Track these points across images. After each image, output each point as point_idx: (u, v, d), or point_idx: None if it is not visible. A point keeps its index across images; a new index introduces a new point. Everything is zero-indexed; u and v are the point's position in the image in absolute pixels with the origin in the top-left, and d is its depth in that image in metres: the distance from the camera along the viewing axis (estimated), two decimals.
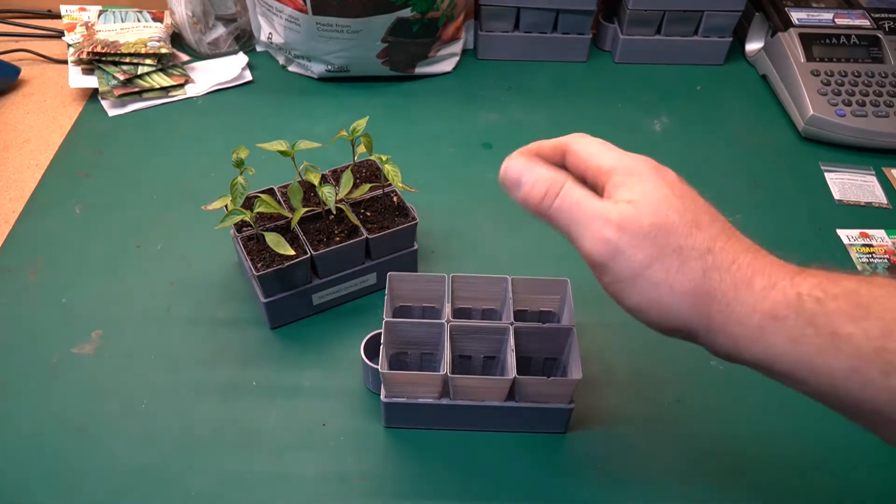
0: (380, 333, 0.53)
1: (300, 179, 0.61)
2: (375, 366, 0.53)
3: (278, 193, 0.62)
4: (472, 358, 0.56)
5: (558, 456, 0.54)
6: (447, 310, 0.55)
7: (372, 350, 0.55)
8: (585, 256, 0.39)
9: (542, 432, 0.55)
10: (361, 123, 0.59)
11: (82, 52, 0.85)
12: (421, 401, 0.52)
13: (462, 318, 0.57)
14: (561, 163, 0.42)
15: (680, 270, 0.36)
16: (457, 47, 0.93)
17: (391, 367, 0.54)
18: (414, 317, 0.59)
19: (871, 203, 0.77)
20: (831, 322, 0.33)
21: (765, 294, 0.35)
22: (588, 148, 0.41)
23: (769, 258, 0.37)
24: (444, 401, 0.52)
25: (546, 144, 0.42)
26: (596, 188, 0.39)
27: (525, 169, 0.39)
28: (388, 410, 0.53)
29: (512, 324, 0.53)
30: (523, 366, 0.55)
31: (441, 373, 0.50)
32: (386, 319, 0.52)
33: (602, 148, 0.40)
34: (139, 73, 0.86)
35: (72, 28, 0.91)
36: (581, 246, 0.39)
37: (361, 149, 0.60)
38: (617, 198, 0.38)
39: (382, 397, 0.52)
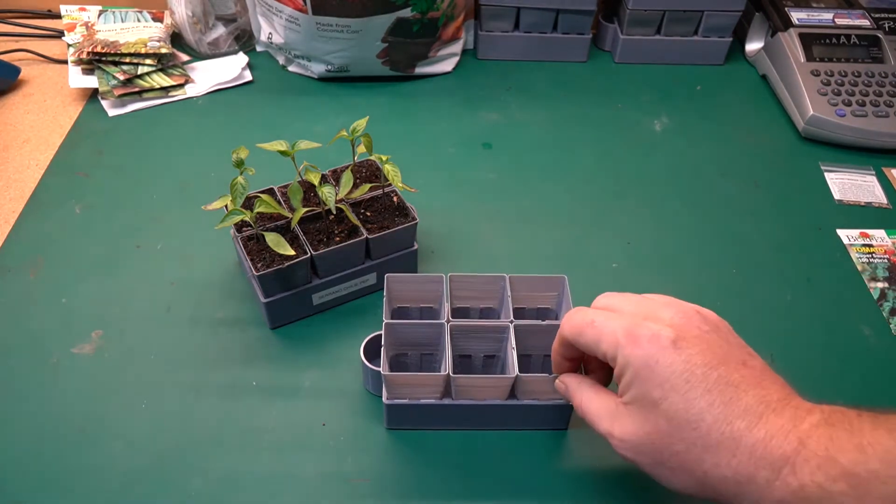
0: (379, 335, 0.53)
1: (300, 179, 0.61)
2: (376, 368, 0.53)
3: (278, 193, 0.62)
4: (472, 357, 0.56)
5: (560, 453, 0.54)
6: (446, 310, 0.55)
7: (371, 352, 0.55)
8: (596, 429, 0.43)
9: (543, 429, 0.55)
10: (361, 123, 0.59)
11: (82, 52, 0.85)
12: (423, 402, 0.52)
13: (460, 317, 0.57)
14: (579, 352, 0.46)
15: (683, 473, 0.39)
16: (457, 47, 0.93)
17: (392, 369, 0.54)
18: (412, 318, 0.59)
19: (871, 203, 0.77)
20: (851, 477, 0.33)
21: (769, 486, 0.35)
22: (582, 337, 0.43)
23: (770, 425, 0.36)
24: (446, 401, 0.52)
25: (557, 345, 0.47)
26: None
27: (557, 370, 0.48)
28: (389, 412, 0.53)
29: (512, 322, 0.53)
30: (523, 363, 0.55)
31: (442, 373, 0.50)
32: (385, 321, 0.52)
33: (595, 331, 0.42)
34: (139, 73, 0.86)
35: (72, 28, 0.91)
36: (594, 425, 0.43)
37: (361, 149, 0.60)
38: (621, 394, 0.42)
39: (384, 399, 0.52)
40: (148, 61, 0.87)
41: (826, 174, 0.80)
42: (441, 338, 0.53)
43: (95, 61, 0.86)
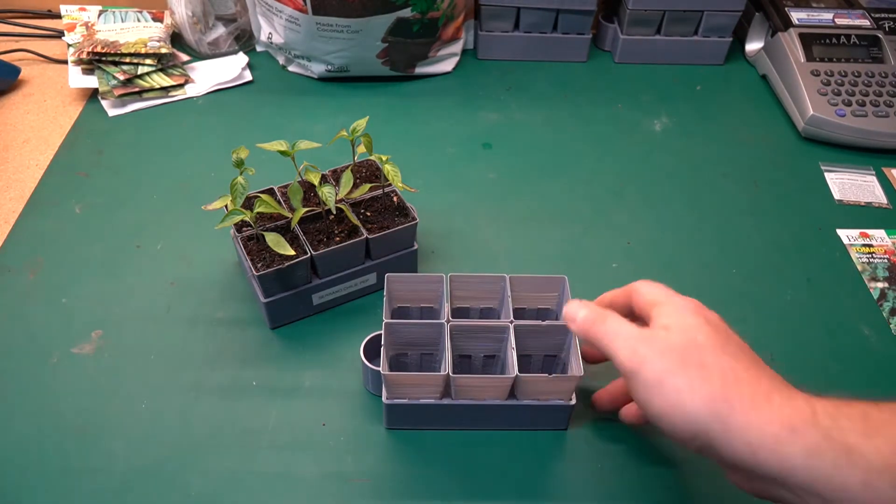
0: (379, 335, 0.53)
1: (300, 179, 0.61)
2: (376, 368, 0.53)
3: (278, 193, 0.62)
4: (471, 357, 0.56)
5: (560, 453, 0.54)
6: (446, 310, 0.55)
7: (371, 352, 0.55)
8: (620, 367, 0.43)
9: (543, 429, 0.55)
10: (361, 123, 0.59)
11: (82, 52, 0.85)
12: (422, 401, 0.52)
13: (460, 317, 0.57)
14: (629, 305, 0.48)
15: (702, 380, 0.39)
16: (457, 47, 0.93)
17: (391, 369, 0.54)
18: (412, 317, 0.59)
19: (871, 203, 0.77)
20: (844, 437, 0.35)
21: (782, 408, 0.37)
22: (644, 288, 0.47)
23: (789, 385, 0.40)
24: (446, 401, 0.52)
25: (615, 291, 0.49)
26: (647, 321, 0.45)
27: (578, 307, 0.47)
28: (389, 412, 0.53)
29: (512, 322, 0.53)
30: (523, 364, 0.55)
31: (442, 373, 0.50)
32: (385, 321, 0.52)
33: (656, 289, 0.46)
34: (139, 73, 0.86)
35: (72, 28, 0.91)
36: (616, 358, 0.43)
37: (361, 149, 0.60)
38: (654, 325, 0.43)
39: (384, 399, 0.52)
40: (148, 61, 0.87)
41: (826, 174, 0.80)
42: (441, 338, 0.53)
43: (95, 61, 0.86)
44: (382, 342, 0.52)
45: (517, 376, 0.50)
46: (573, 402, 0.53)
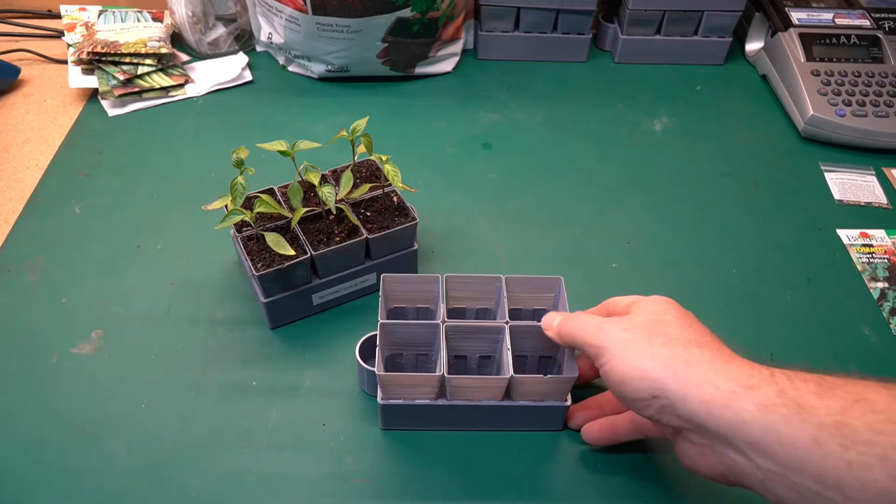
0: (374, 336, 0.53)
1: (300, 179, 0.61)
2: (371, 368, 0.53)
3: (278, 193, 0.62)
4: (467, 358, 0.56)
5: (555, 453, 0.54)
6: (441, 310, 0.55)
7: (367, 352, 0.55)
8: (589, 349, 0.45)
9: (538, 430, 0.55)
10: (361, 123, 0.59)
11: (82, 52, 0.85)
12: (418, 402, 0.52)
13: (456, 318, 0.57)
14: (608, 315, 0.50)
15: (664, 346, 0.41)
16: (457, 47, 0.93)
17: (387, 370, 0.54)
18: (409, 318, 0.59)
19: (871, 203, 0.77)
20: (798, 395, 0.36)
21: (741, 368, 0.39)
22: (620, 297, 0.49)
23: (744, 363, 0.41)
24: (441, 401, 0.52)
25: (592, 309, 0.52)
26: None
27: (554, 315, 0.50)
28: (384, 412, 0.53)
29: (508, 323, 0.53)
30: (519, 364, 0.55)
31: (437, 373, 0.50)
32: (381, 321, 0.52)
33: (631, 295, 0.49)
34: (139, 73, 0.86)
35: (72, 28, 0.91)
36: (585, 342, 0.45)
37: (361, 149, 0.60)
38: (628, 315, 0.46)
39: (379, 399, 0.52)
40: (148, 61, 0.87)
41: (826, 174, 0.80)
42: (436, 338, 0.53)
43: (95, 61, 0.86)
44: (378, 342, 0.52)
45: (512, 377, 0.50)
46: (568, 402, 0.53)
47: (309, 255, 0.57)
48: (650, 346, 0.41)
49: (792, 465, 0.35)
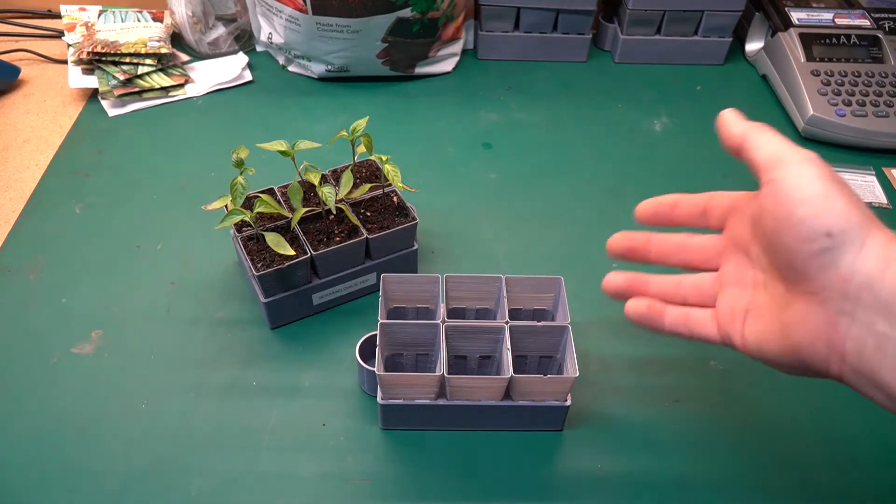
0: (374, 336, 0.53)
1: (300, 179, 0.61)
2: (371, 368, 0.53)
3: (278, 193, 0.62)
4: (467, 358, 0.56)
5: (556, 453, 0.54)
6: (441, 310, 0.55)
7: (367, 352, 0.55)
8: (771, 150, 0.41)
9: (539, 430, 0.55)
10: (361, 123, 0.59)
11: (82, 52, 0.85)
12: (417, 402, 0.52)
13: (456, 318, 0.57)
14: (703, 211, 0.48)
15: (860, 203, 0.36)
16: (457, 47, 0.93)
17: (387, 369, 0.54)
18: (409, 318, 0.59)
19: (871, 203, 0.77)
20: None
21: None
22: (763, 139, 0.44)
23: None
24: (441, 401, 0.52)
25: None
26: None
27: (732, 113, 0.45)
28: (384, 412, 0.53)
29: (507, 323, 0.53)
30: (519, 364, 0.55)
31: (437, 373, 0.50)
32: (381, 321, 0.52)
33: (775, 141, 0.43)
34: (139, 73, 0.86)
35: (72, 28, 0.91)
36: (773, 145, 0.42)
37: (361, 149, 0.60)
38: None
39: (379, 399, 0.52)
40: (148, 61, 0.87)
41: None
42: (436, 338, 0.53)
43: (95, 61, 0.86)
44: (378, 342, 0.52)
45: (512, 377, 0.50)
46: (568, 402, 0.53)
47: (309, 255, 0.57)
48: (848, 193, 0.36)
49: None
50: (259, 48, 0.95)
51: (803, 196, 0.36)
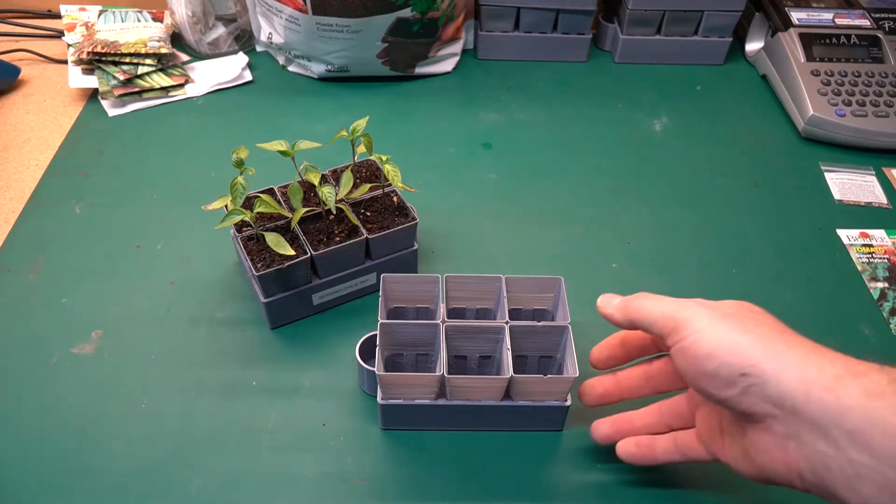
0: (374, 335, 0.53)
1: (300, 179, 0.61)
2: (371, 368, 0.53)
3: (278, 193, 0.62)
4: (467, 358, 0.56)
5: (556, 453, 0.54)
6: (441, 310, 0.55)
7: (367, 352, 0.55)
8: (662, 323, 0.41)
9: (538, 430, 0.55)
10: (361, 123, 0.59)
11: (82, 52, 0.85)
12: (417, 402, 0.52)
13: (456, 318, 0.57)
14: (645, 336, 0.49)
15: (759, 326, 0.38)
16: (457, 47, 0.93)
17: (387, 369, 0.54)
18: (409, 318, 0.59)
19: (871, 203, 0.77)
20: None
21: (846, 357, 0.36)
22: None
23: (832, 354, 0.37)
24: (441, 401, 0.52)
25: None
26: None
27: (612, 296, 0.47)
28: (384, 412, 0.53)
29: (507, 323, 0.53)
30: (519, 364, 0.55)
31: (437, 373, 0.50)
32: (381, 321, 0.52)
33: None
34: (139, 73, 0.86)
35: (72, 28, 0.91)
36: (660, 317, 0.42)
37: (361, 149, 0.60)
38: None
39: (379, 399, 0.52)
40: (148, 61, 0.87)
41: (826, 174, 0.80)
42: (436, 338, 0.53)
43: (95, 61, 0.86)
44: (378, 342, 0.52)
45: (512, 377, 0.50)
46: (568, 402, 0.53)
47: (309, 255, 0.57)
48: (743, 325, 0.38)
49: (892, 459, 0.32)
50: (259, 48, 0.95)
51: (706, 351, 0.38)
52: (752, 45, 0.98)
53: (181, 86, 0.87)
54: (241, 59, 0.92)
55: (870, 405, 0.33)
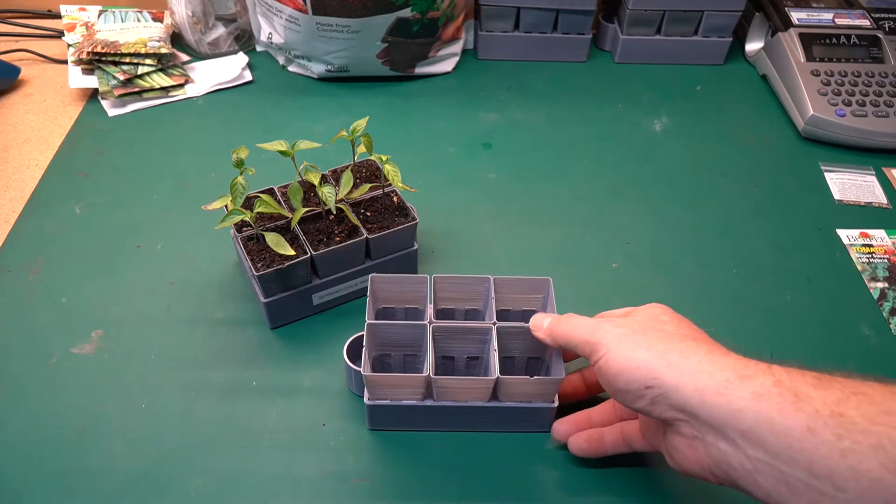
0: (362, 336, 0.53)
1: (300, 179, 0.61)
2: (358, 368, 0.53)
3: (278, 193, 0.62)
4: (455, 359, 0.55)
5: (547, 454, 0.54)
6: (430, 311, 0.55)
7: (355, 352, 0.55)
8: (583, 346, 0.45)
9: (526, 431, 0.55)
10: (361, 123, 0.59)
11: (82, 52, 0.85)
12: (404, 402, 0.52)
13: (445, 318, 0.57)
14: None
15: (659, 339, 0.42)
16: (457, 47, 0.93)
17: (374, 370, 0.54)
18: (397, 318, 0.59)
19: (871, 203, 0.77)
20: (795, 386, 0.36)
21: (737, 360, 0.39)
22: (613, 311, 0.49)
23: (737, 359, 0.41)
24: (428, 402, 0.52)
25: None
26: None
27: (543, 316, 0.50)
28: (371, 413, 0.53)
29: (495, 324, 0.53)
30: (506, 365, 0.55)
31: (424, 374, 0.50)
32: (368, 322, 0.52)
33: (625, 308, 0.49)
34: (139, 73, 0.86)
35: (72, 28, 0.91)
36: (579, 340, 0.45)
37: (361, 149, 0.60)
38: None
39: (365, 400, 0.52)
40: (148, 61, 0.87)
41: (826, 174, 0.80)
42: (423, 339, 0.53)
43: (95, 61, 0.86)
44: (364, 343, 0.52)
45: (498, 378, 0.50)
46: (556, 404, 0.53)
47: (309, 255, 0.57)
48: (646, 340, 0.42)
49: (783, 455, 0.35)
50: (259, 48, 0.95)
51: (616, 370, 0.42)
52: (752, 45, 0.98)
53: (181, 86, 0.87)
54: (241, 59, 0.92)
55: (758, 407, 0.36)
